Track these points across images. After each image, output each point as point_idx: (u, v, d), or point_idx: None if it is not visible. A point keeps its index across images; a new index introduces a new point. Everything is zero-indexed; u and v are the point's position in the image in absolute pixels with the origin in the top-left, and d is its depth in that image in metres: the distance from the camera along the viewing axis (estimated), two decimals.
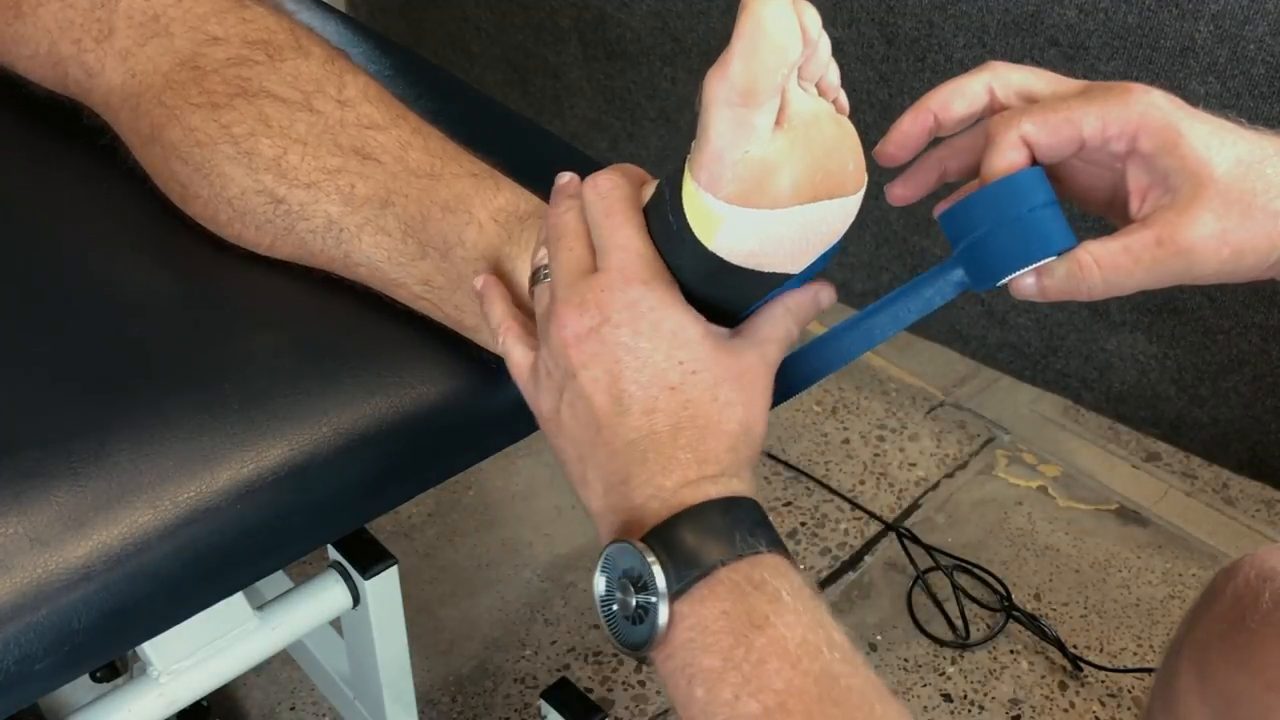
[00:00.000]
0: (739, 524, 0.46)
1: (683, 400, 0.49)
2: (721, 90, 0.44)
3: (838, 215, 0.49)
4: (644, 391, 0.48)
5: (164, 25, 0.63)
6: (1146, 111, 0.48)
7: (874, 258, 1.32)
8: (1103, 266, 0.48)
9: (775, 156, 0.46)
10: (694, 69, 1.34)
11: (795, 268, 0.50)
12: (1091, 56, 1.01)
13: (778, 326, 0.53)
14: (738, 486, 0.48)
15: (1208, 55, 0.94)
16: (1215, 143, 0.47)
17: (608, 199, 0.51)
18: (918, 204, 0.56)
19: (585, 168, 0.77)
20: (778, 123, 0.46)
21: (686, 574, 0.44)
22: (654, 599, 0.44)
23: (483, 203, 0.59)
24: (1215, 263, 0.48)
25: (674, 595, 0.44)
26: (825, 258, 0.51)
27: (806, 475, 1.42)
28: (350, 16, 0.92)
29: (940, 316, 1.30)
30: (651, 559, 0.45)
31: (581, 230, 0.51)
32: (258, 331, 0.62)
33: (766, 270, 0.49)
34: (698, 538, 0.45)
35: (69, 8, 0.64)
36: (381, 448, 0.60)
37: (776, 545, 0.46)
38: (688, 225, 0.48)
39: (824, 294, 0.55)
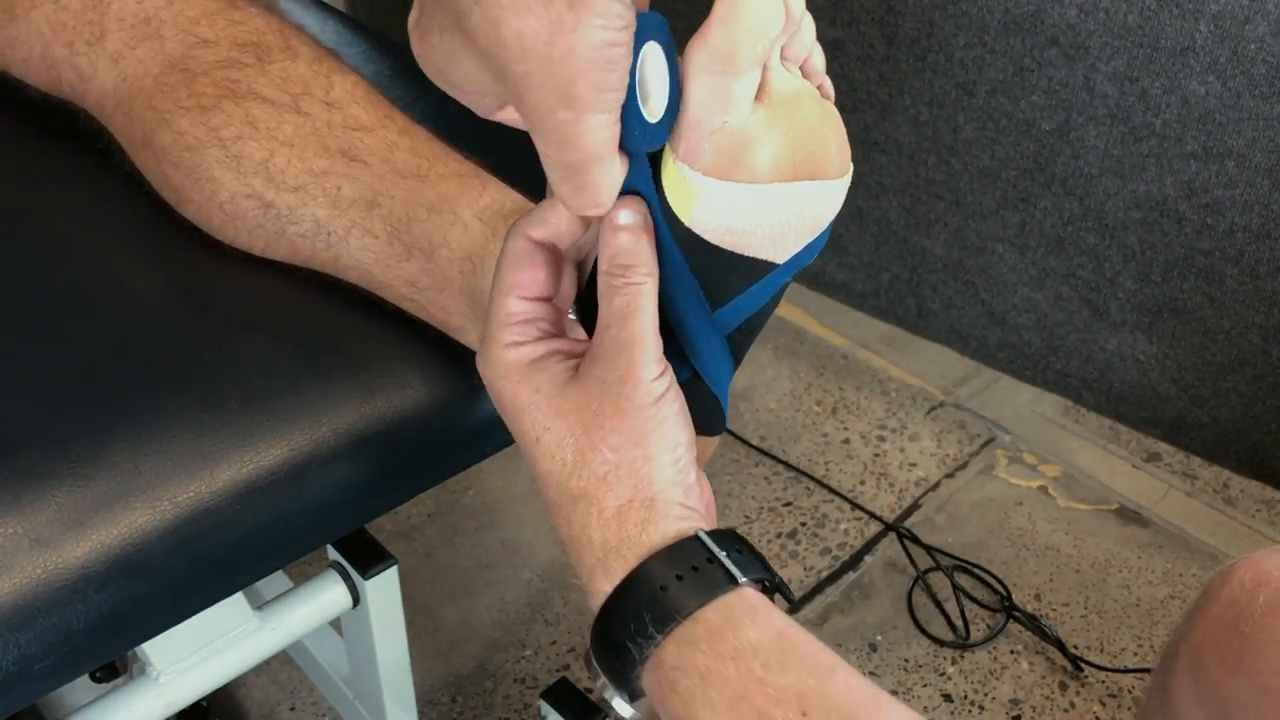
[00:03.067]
0: (633, 621, 0.43)
1: (541, 477, 0.47)
2: (701, 57, 0.43)
3: (820, 199, 0.48)
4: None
5: (155, 28, 0.63)
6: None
7: (874, 258, 1.32)
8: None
9: (754, 129, 0.45)
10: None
11: (778, 255, 0.49)
12: (1091, 56, 1.01)
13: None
14: (604, 582, 0.44)
15: (1208, 55, 0.94)
16: None
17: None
18: (918, 204, 0.55)
19: None
20: (758, 98, 0.45)
21: (625, 685, 0.44)
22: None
23: (468, 202, 0.58)
24: None
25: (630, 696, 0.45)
26: (811, 250, 0.50)
27: (806, 475, 1.42)
28: (350, 16, 0.92)
29: (941, 316, 1.30)
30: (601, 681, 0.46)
31: None
32: (257, 332, 0.62)
33: (747, 254, 0.48)
34: (608, 660, 0.44)
35: (61, 10, 0.64)
36: (381, 448, 0.60)
37: (672, 621, 0.42)
38: (665, 200, 0.47)
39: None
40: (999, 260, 1.21)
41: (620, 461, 0.45)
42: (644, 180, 0.48)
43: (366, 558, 0.81)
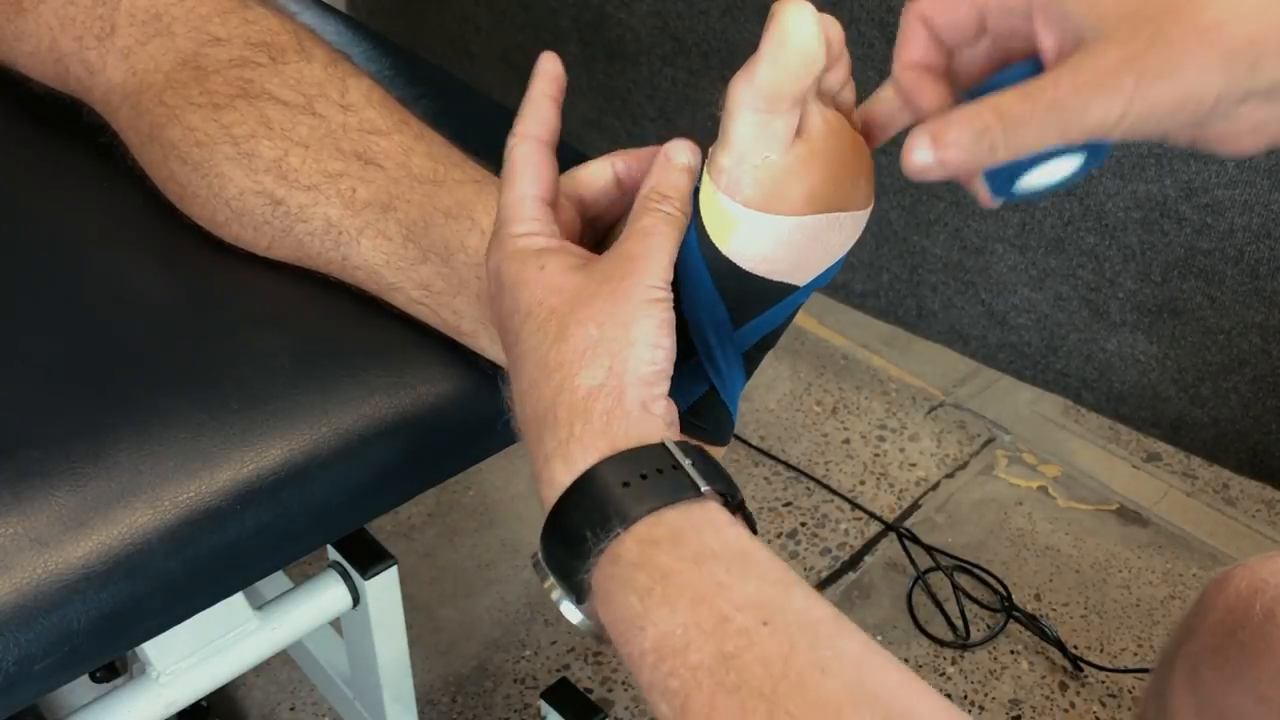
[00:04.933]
0: (596, 512, 0.42)
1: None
2: (746, 94, 0.45)
3: (847, 229, 0.50)
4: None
5: (166, 24, 0.63)
6: None
7: (874, 258, 1.32)
8: (1003, 117, 0.41)
9: (795, 164, 0.47)
10: (694, 69, 1.34)
11: (800, 279, 0.51)
12: None
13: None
14: (563, 470, 0.43)
15: None
16: None
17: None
18: (918, 204, 0.56)
19: None
20: (798, 133, 0.47)
21: (573, 579, 0.43)
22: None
23: (485, 209, 0.59)
24: (1121, 99, 0.40)
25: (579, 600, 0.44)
26: (829, 273, 0.52)
27: (806, 475, 1.42)
28: (350, 16, 0.92)
29: (940, 316, 1.30)
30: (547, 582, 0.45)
31: None
32: (258, 331, 0.62)
33: (775, 279, 0.50)
34: (559, 552, 0.43)
35: (70, 4, 0.64)
36: (381, 448, 0.60)
37: (634, 517, 0.41)
38: (703, 226, 0.48)
39: None
40: (999, 260, 1.21)
41: (602, 338, 0.44)
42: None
43: (366, 558, 0.81)
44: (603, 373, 0.44)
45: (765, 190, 0.47)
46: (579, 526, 0.42)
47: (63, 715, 0.74)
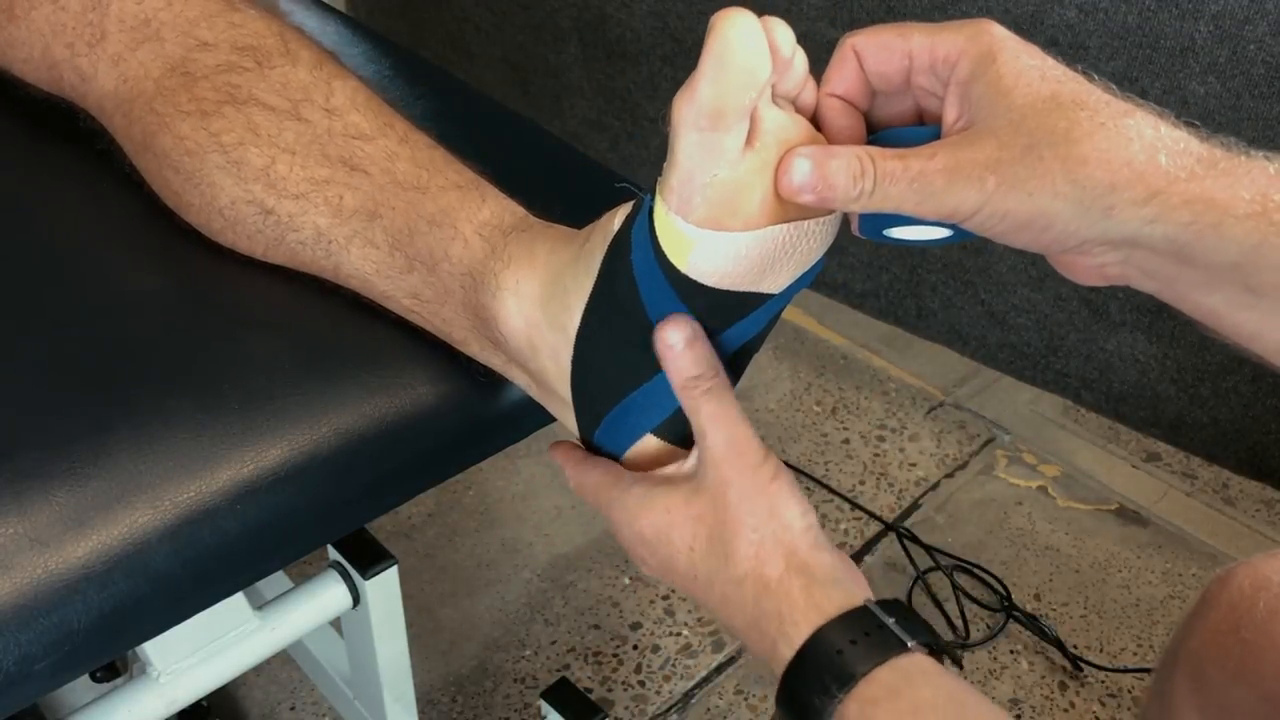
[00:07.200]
0: (816, 682, 0.45)
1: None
2: (689, 113, 0.44)
3: (814, 236, 0.49)
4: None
5: (155, 30, 0.63)
6: (976, 37, 0.45)
7: (874, 258, 1.32)
8: (878, 170, 0.44)
9: (745, 178, 0.45)
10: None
11: (774, 287, 0.50)
12: (1091, 56, 1.01)
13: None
14: (787, 649, 0.47)
15: (1208, 55, 0.94)
16: (1032, 76, 0.43)
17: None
18: None
19: (585, 168, 0.78)
20: (749, 142, 0.45)
21: None
22: None
23: (467, 217, 0.58)
24: (978, 193, 0.43)
25: None
26: (806, 277, 0.51)
27: (806, 475, 1.42)
28: (350, 16, 0.92)
29: (940, 316, 1.30)
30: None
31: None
32: (258, 332, 0.62)
33: (743, 290, 0.49)
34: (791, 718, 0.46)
35: (61, 10, 0.64)
36: (381, 448, 0.60)
37: (851, 681, 0.44)
38: (659, 247, 0.47)
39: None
40: (999, 260, 1.21)
41: (764, 536, 0.48)
42: (640, 228, 0.48)
43: (366, 558, 0.81)
44: (781, 560, 0.48)
45: (717, 208, 0.45)
46: (807, 695, 0.45)
47: (63, 715, 0.74)
